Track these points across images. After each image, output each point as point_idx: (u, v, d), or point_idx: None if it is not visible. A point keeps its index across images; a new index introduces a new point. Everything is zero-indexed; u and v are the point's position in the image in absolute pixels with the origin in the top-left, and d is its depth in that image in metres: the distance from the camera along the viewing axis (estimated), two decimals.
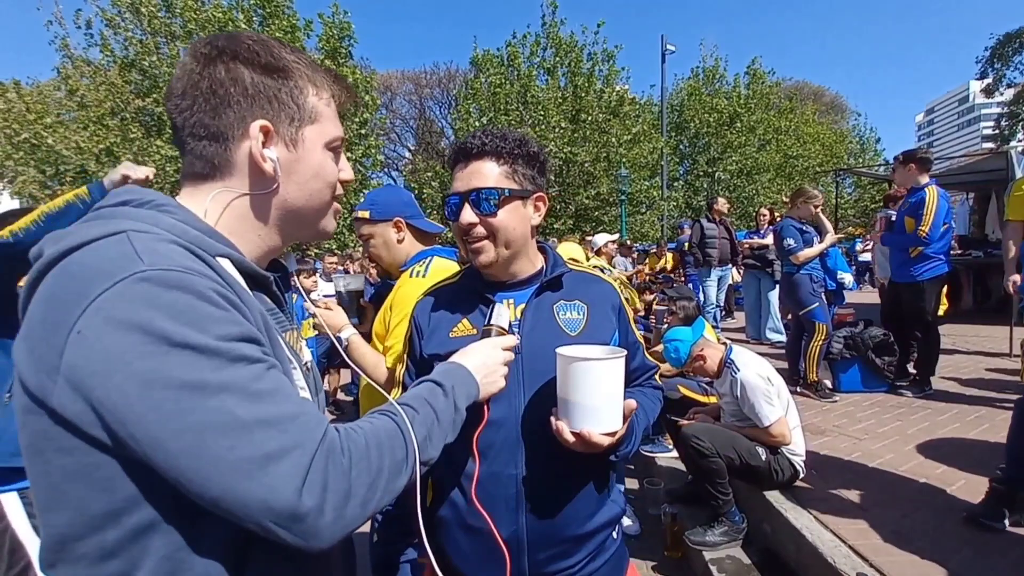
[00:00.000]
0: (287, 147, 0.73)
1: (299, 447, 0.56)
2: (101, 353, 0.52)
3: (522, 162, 1.12)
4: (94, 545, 0.58)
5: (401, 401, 0.76)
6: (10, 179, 14.71)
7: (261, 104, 0.70)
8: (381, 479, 0.63)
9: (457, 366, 0.91)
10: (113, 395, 0.53)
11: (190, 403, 0.53)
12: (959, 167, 12.53)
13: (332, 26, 14.46)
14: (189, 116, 0.70)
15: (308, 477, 0.56)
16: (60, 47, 12.78)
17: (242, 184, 0.72)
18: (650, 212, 18.30)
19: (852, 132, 31.00)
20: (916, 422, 3.69)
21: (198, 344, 0.54)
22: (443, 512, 1.14)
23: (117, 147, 12.59)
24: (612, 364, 0.99)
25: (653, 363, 1.34)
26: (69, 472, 0.57)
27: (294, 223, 0.78)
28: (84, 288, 0.54)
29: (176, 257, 0.58)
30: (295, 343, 0.81)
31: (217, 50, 0.70)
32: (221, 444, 0.53)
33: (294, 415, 0.58)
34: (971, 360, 5.45)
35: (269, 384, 0.58)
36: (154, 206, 0.67)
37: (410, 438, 0.70)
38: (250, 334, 0.60)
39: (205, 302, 0.56)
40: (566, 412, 1.00)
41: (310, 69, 0.75)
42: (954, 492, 2.64)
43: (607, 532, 1.18)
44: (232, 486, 0.54)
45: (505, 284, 1.18)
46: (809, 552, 2.28)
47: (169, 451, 0.53)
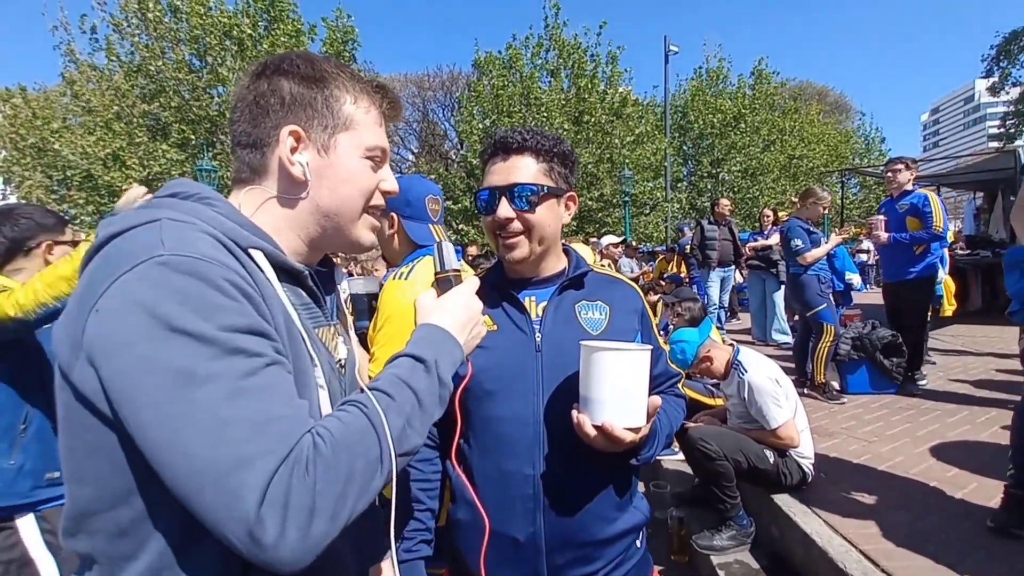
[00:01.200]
0: (319, 152, 0.76)
1: (267, 456, 0.54)
2: (111, 331, 0.55)
3: (558, 161, 1.13)
4: (110, 521, 0.61)
5: (375, 386, 0.70)
6: (17, 184, 14.84)
7: (296, 112, 0.74)
8: (352, 486, 0.60)
9: (437, 331, 0.82)
10: (114, 374, 0.55)
11: (177, 392, 0.53)
12: (966, 166, 12.46)
13: (336, 30, 14.53)
14: (236, 127, 0.76)
15: (269, 491, 0.53)
16: (65, 52, 12.89)
17: (277, 188, 0.76)
18: (654, 213, 18.26)
19: (857, 132, 30.81)
20: (926, 424, 3.65)
21: (197, 331, 0.55)
22: (459, 514, 1.13)
23: (123, 151, 12.68)
24: (638, 355, 0.97)
25: (676, 371, 1.32)
26: (91, 448, 0.60)
27: (328, 228, 0.79)
28: (111, 269, 0.57)
29: (199, 245, 0.60)
30: (330, 339, 0.82)
31: (264, 66, 0.77)
32: (197, 440, 0.53)
33: (275, 418, 0.57)
34: (981, 361, 5.39)
35: (260, 381, 0.58)
36: (199, 198, 0.70)
37: (384, 433, 0.64)
38: (257, 327, 0.60)
39: (215, 290, 0.57)
40: (587, 405, 0.98)
41: (351, 80, 0.79)
42: (966, 495, 2.60)
43: (630, 539, 1.16)
44: (201, 487, 0.53)
45: (528, 281, 1.18)
46: (818, 557, 2.25)
47: (149, 438, 0.54)
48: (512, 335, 1.12)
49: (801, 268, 4.51)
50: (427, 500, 1.17)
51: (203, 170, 10.85)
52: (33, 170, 13.84)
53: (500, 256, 1.14)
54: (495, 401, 1.10)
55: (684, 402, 1.31)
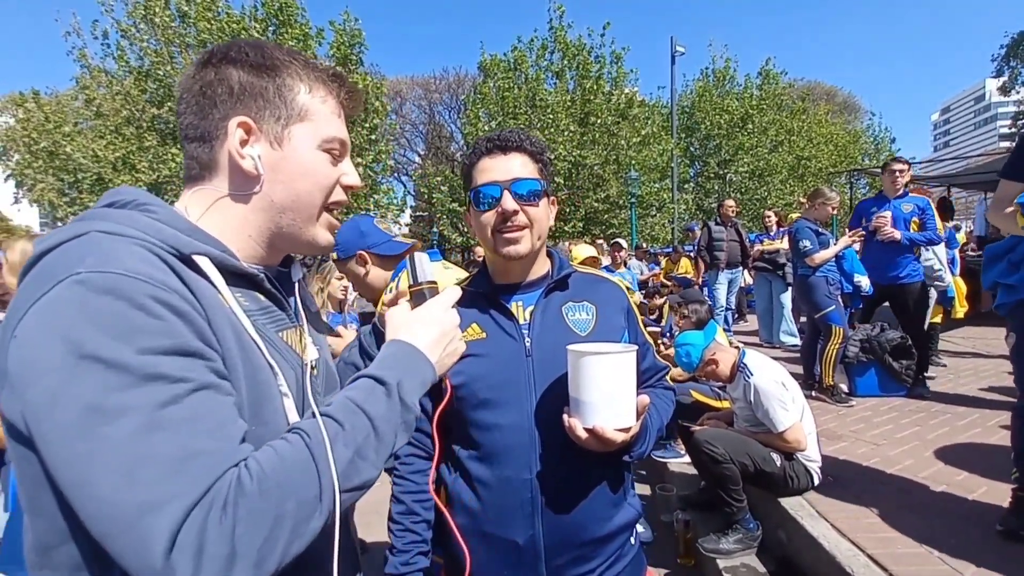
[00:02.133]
0: (271, 145, 0.70)
1: (177, 498, 0.49)
2: (26, 359, 0.51)
3: (545, 164, 1.16)
4: (67, 554, 0.58)
5: (325, 412, 0.63)
6: (29, 187, 15.06)
7: (245, 102, 0.69)
8: (282, 529, 0.53)
9: (405, 348, 0.75)
10: (27, 407, 0.51)
11: (86, 428, 0.49)
12: (977, 167, 12.33)
13: (343, 33, 14.63)
14: (183, 118, 0.71)
15: (180, 538, 0.48)
16: (78, 57, 13.08)
17: (228, 184, 0.70)
18: (660, 214, 18.22)
19: (866, 132, 30.62)
20: (935, 427, 3.61)
21: (110, 358, 0.50)
22: (458, 520, 1.13)
23: (133, 155, 12.84)
24: (623, 357, 0.98)
25: (664, 364, 1.33)
26: (36, 481, 0.56)
27: (282, 227, 0.73)
28: (32, 290, 0.53)
29: (125, 259, 0.55)
30: (297, 342, 0.77)
31: (211, 54, 0.71)
32: (105, 481, 0.49)
33: (193, 454, 0.52)
34: (992, 363, 5.33)
35: (181, 411, 0.52)
36: (135, 206, 0.65)
37: (326, 468, 0.58)
38: (184, 347, 0.55)
39: (137, 309, 0.52)
40: (578, 409, 0.99)
41: (304, 67, 0.73)
42: (976, 499, 2.57)
43: (625, 536, 1.17)
44: (111, 532, 0.49)
45: (514, 286, 1.18)
46: (826, 561, 2.23)
47: (62, 478, 0.51)
48: (502, 342, 1.12)
49: (809, 270, 4.48)
50: (422, 511, 1.17)
51: None
52: (45, 173, 14.06)
53: (498, 253, 1.12)
54: (489, 409, 1.10)
55: (673, 394, 1.33)
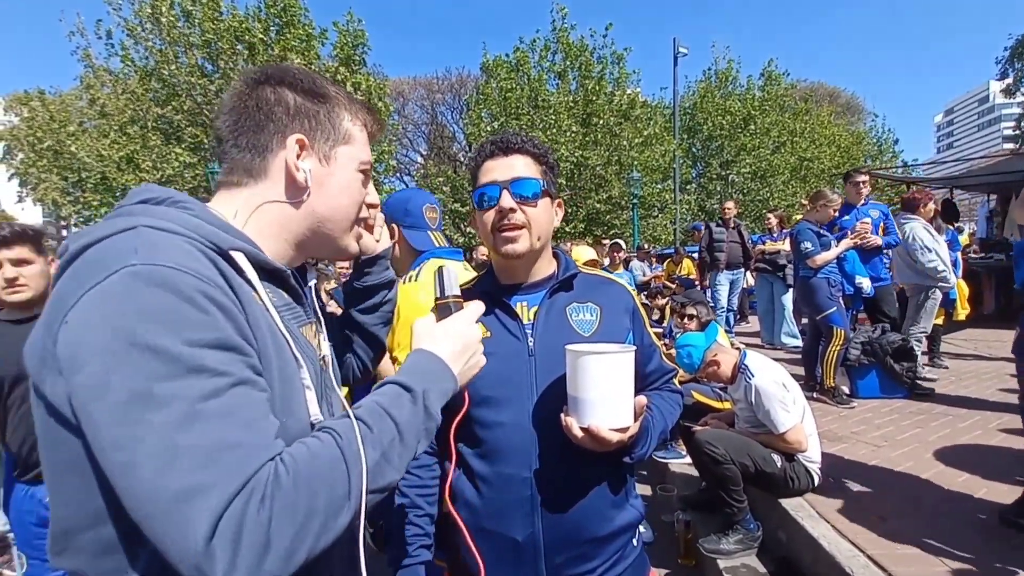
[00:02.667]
0: (320, 162, 0.78)
1: (219, 486, 0.52)
2: (77, 344, 0.54)
3: (549, 167, 1.17)
4: (92, 539, 0.60)
5: (356, 414, 0.66)
6: (33, 186, 15.11)
7: (301, 121, 0.77)
8: (313, 523, 0.56)
9: (431, 358, 0.78)
10: (76, 389, 0.54)
11: (132, 413, 0.52)
12: (980, 168, 12.30)
13: (346, 34, 14.65)
14: (234, 129, 0.76)
15: (221, 524, 0.50)
16: (82, 57, 13.11)
17: (275, 191, 0.76)
18: (662, 215, 18.20)
19: (869, 134, 30.50)
20: (937, 429, 3.61)
21: (160, 347, 0.53)
22: (460, 515, 1.14)
23: (137, 155, 12.87)
24: (620, 358, 0.99)
25: (671, 367, 1.32)
26: (66, 465, 0.59)
27: (319, 234, 0.81)
28: (84, 280, 0.56)
29: (174, 253, 0.58)
30: (313, 337, 0.83)
31: (266, 75, 0.78)
32: (149, 466, 0.51)
33: (232, 445, 0.54)
34: (993, 366, 5.32)
35: (221, 404, 0.55)
36: (172, 203, 0.69)
37: (355, 468, 0.61)
38: (226, 341, 0.58)
39: (185, 302, 0.55)
40: (575, 408, 1.00)
41: (347, 99, 0.82)
42: (976, 500, 2.58)
43: (626, 537, 1.17)
44: (153, 514, 0.52)
45: (520, 286, 1.19)
46: (826, 562, 2.24)
47: (107, 460, 0.53)
48: (505, 341, 1.14)
49: (811, 271, 4.48)
50: (426, 506, 1.19)
51: (215, 172, 10.97)
52: (49, 172, 14.10)
53: (498, 251, 1.14)
54: (490, 406, 1.12)
55: (680, 397, 1.32)
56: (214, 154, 12.50)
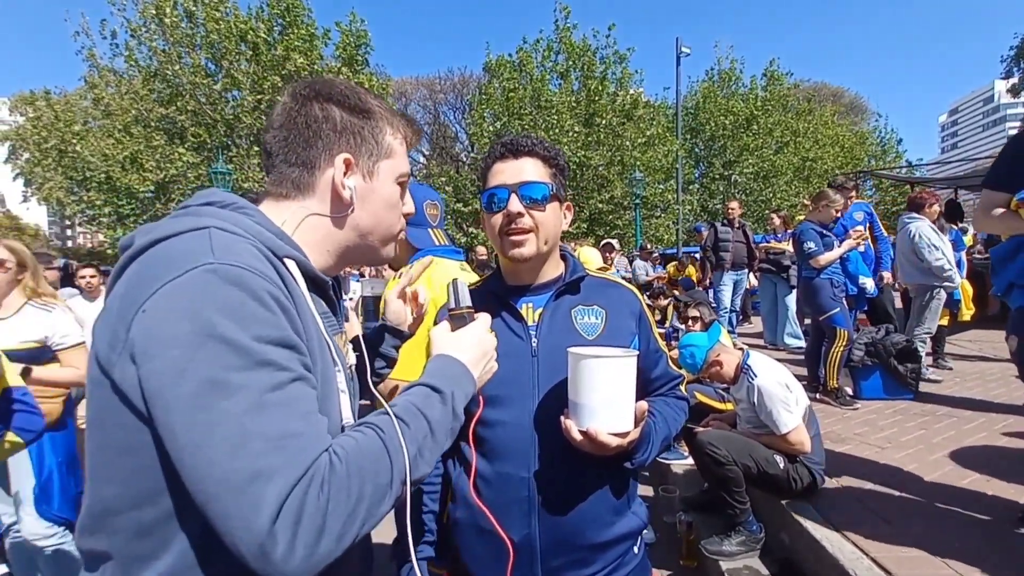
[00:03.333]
0: (364, 178, 0.82)
1: (285, 471, 0.56)
2: (154, 332, 0.57)
3: (559, 169, 1.16)
4: (132, 521, 0.63)
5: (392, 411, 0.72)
6: (38, 185, 15.19)
7: (347, 139, 0.80)
8: (361, 508, 0.61)
9: (454, 363, 0.84)
10: (151, 374, 0.57)
11: (207, 399, 0.55)
12: (985, 168, 12.22)
13: (349, 34, 14.68)
14: (284, 145, 0.79)
15: (285, 507, 0.55)
16: (87, 57, 13.18)
17: (321, 206, 0.80)
18: (665, 215, 18.17)
19: (873, 134, 30.36)
20: (941, 431, 3.59)
21: (234, 340, 0.57)
22: (458, 514, 1.15)
23: (141, 154, 12.93)
24: (621, 362, 0.98)
25: (678, 373, 1.31)
26: (122, 446, 0.62)
27: (360, 246, 0.85)
28: (161, 272, 0.60)
29: (245, 256, 0.63)
30: (343, 346, 0.87)
31: (314, 92, 0.80)
32: (220, 449, 0.55)
33: (295, 434, 0.58)
34: (998, 367, 5.29)
35: (284, 396, 0.59)
36: (236, 208, 0.74)
37: (398, 460, 0.66)
38: (288, 339, 0.63)
39: (256, 301, 0.60)
40: (575, 411, 1.00)
41: (389, 112, 0.86)
42: (982, 503, 2.56)
43: (627, 545, 1.16)
44: (220, 494, 0.55)
45: (526, 288, 1.19)
46: (829, 564, 2.22)
47: (178, 441, 0.56)
48: (509, 341, 1.14)
49: (814, 272, 4.46)
50: (429, 502, 1.20)
51: (218, 172, 11.01)
52: (54, 172, 14.19)
53: (505, 255, 1.14)
54: (492, 406, 1.12)
55: (687, 404, 1.31)
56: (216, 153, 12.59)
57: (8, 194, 26.37)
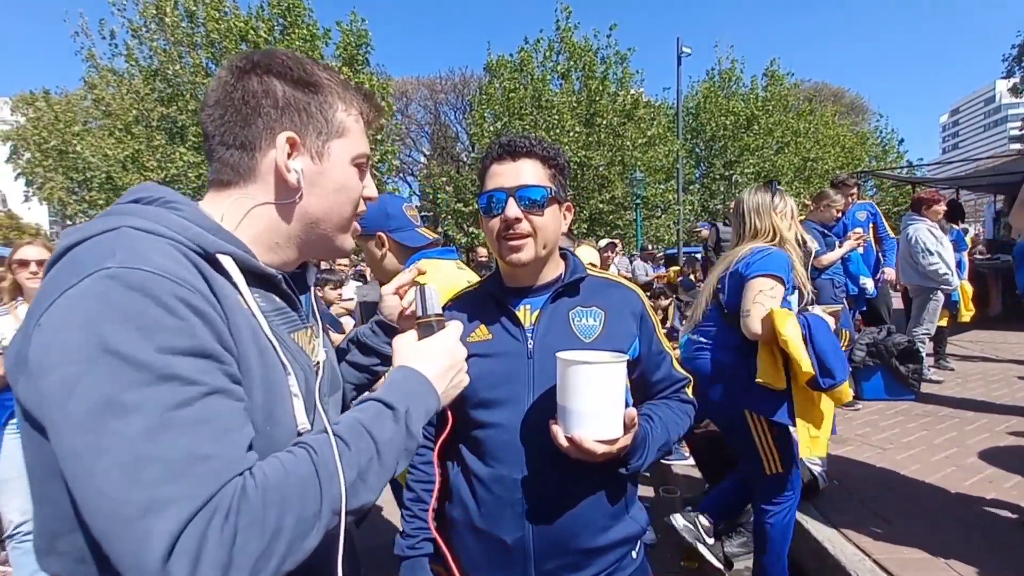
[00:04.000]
0: (312, 159, 0.73)
1: (181, 502, 0.49)
2: (47, 347, 0.52)
3: (559, 170, 1.13)
4: (71, 544, 0.59)
5: (334, 431, 0.63)
6: (39, 185, 15.19)
7: (291, 116, 0.72)
8: (279, 543, 0.53)
9: (415, 376, 0.76)
10: (45, 394, 0.52)
11: (97, 420, 0.49)
12: (986, 169, 12.23)
13: (350, 34, 14.68)
14: (220, 124, 0.71)
15: (180, 542, 0.48)
16: (86, 57, 13.18)
17: (265, 193, 0.72)
18: (665, 216, 18.16)
19: (874, 134, 30.35)
20: (943, 432, 3.58)
21: (130, 353, 0.51)
22: (454, 513, 1.14)
23: (142, 154, 12.93)
24: (608, 368, 0.95)
25: (683, 375, 1.28)
26: (45, 468, 0.58)
27: (313, 236, 0.77)
28: (61, 281, 0.54)
29: (153, 257, 0.56)
30: (307, 343, 0.79)
31: (252, 63, 0.72)
32: (110, 477, 0.49)
33: (200, 457, 0.51)
34: (1000, 367, 5.28)
35: (192, 413, 0.52)
36: (163, 203, 0.67)
37: (330, 487, 0.58)
38: (201, 349, 0.55)
39: (160, 307, 0.53)
40: (562, 416, 0.99)
41: (341, 86, 0.77)
42: (984, 505, 2.55)
43: (624, 550, 1.15)
44: (110, 529, 0.49)
45: (524, 289, 1.18)
46: (831, 566, 2.22)
47: (68, 468, 0.51)
48: (505, 343, 1.13)
49: (815, 272, 4.45)
50: (428, 498, 1.18)
51: None
52: (55, 172, 14.17)
53: (503, 259, 1.13)
54: (488, 407, 1.11)
55: (692, 408, 1.27)
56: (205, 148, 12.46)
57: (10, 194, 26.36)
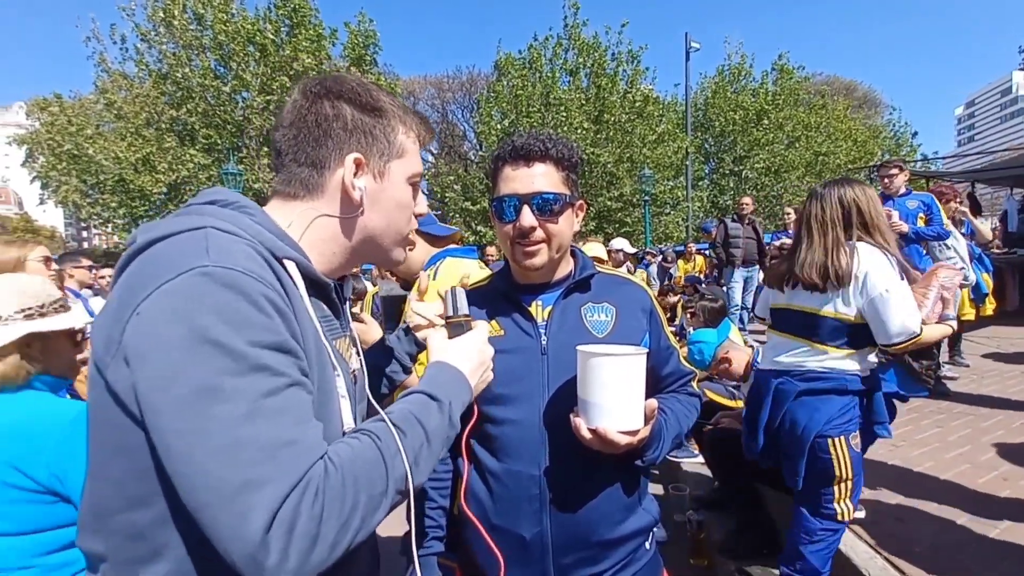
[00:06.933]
0: (375, 178, 0.80)
1: (277, 480, 0.55)
2: (148, 335, 0.57)
3: (573, 170, 1.13)
4: (126, 523, 0.62)
5: (389, 419, 0.71)
6: (54, 188, 15.43)
7: (358, 138, 0.78)
8: (355, 518, 0.60)
9: (453, 371, 0.84)
10: (145, 378, 0.56)
11: (199, 405, 0.54)
12: (1003, 161, 12.02)
13: (357, 34, 14.74)
14: (293, 144, 0.77)
15: (278, 516, 0.54)
16: (98, 62, 13.37)
17: (330, 207, 0.78)
18: (674, 212, 18.05)
19: (887, 127, 29.90)
20: (957, 428, 3.53)
21: (228, 344, 0.56)
22: (470, 511, 1.14)
23: (153, 156, 13.10)
24: (630, 360, 0.97)
25: (689, 369, 1.30)
26: (114, 447, 0.62)
27: (369, 247, 0.83)
28: (156, 274, 0.59)
29: (241, 258, 0.62)
30: (346, 350, 0.85)
31: (325, 89, 0.78)
32: (211, 457, 0.54)
33: (287, 442, 0.57)
34: (1017, 364, 5.19)
35: (279, 402, 0.58)
36: (237, 207, 0.73)
37: (394, 469, 0.65)
38: (284, 344, 0.61)
39: (251, 305, 0.59)
40: (584, 409, 0.99)
41: (402, 111, 0.83)
42: (997, 502, 2.51)
43: (639, 541, 1.16)
44: (210, 503, 0.54)
45: (536, 286, 1.18)
46: (843, 563, 2.19)
47: (169, 447, 0.56)
48: (519, 340, 1.13)
49: None
50: (439, 498, 1.20)
51: (229, 173, 11.12)
52: (69, 175, 14.38)
53: (517, 263, 1.13)
54: (502, 404, 1.11)
55: (699, 401, 1.29)
56: (226, 154, 12.68)
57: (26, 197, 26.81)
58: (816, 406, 1.94)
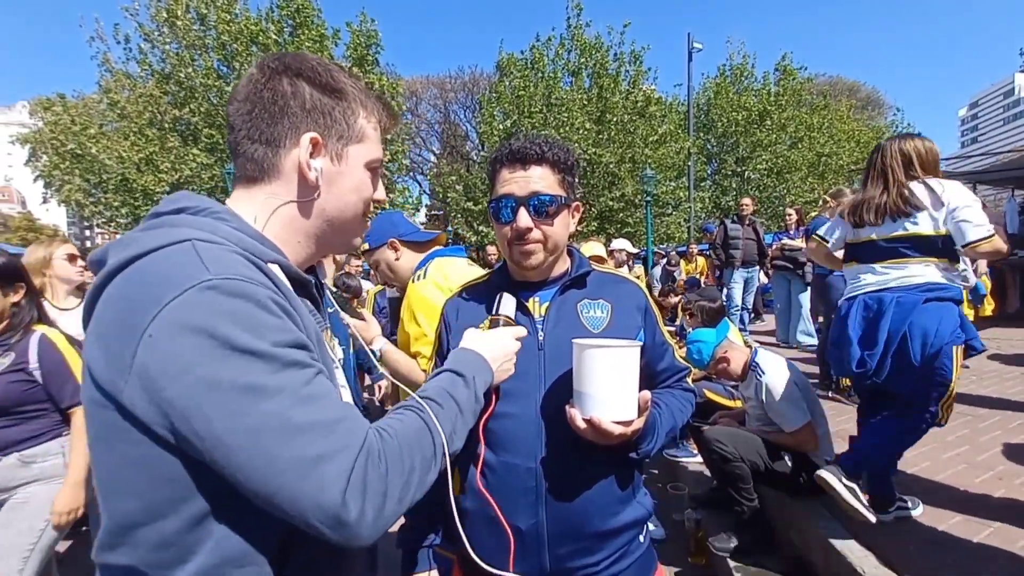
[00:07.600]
0: (332, 160, 0.79)
1: (344, 450, 0.61)
2: (171, 356, 0.57)
3: (569, 172, 1.15)
4: (154, 532, 0.63)
5: (424, 395, 0.80)
6: (57, 187, 15.47)
7: (315, 118, 0.76)
8: (414, 476, 0.68)
9: (474, 354, 0.92)
10: (182, 395, 0.57)
11: (249, 405, 0.58)
12: (1006, 163, 11.99)
13: (359, 34, 14.76)
14: (248, 120, 0.75)
15: (351, 479, 0.60)
16: (102, 62, 13.42)
17: (287, 190, 0.77)
18: (676, 213, 18.04)
19: (890, 128, 29.78)
20: (955, 429, 3.53)
21: (257, 349, 0.59)
22: (467, 503, 1.16)
23: (156, 156, 13.14)
24: (623, 352, 0.99)
25: (684, 365, 1.32)
26: (135, 461, 0.62)
27: (328, 232, 0.83)
28: (156, 294, 0.58)
29: (237, 267, 0.63)
30: (328, 342, 0.86)
31: (284, 65, 0.76)
32: (276, 444, 0.58)
33: (339, 419, 0.63)
34: (1017, 365, 5.19)
35: (317, 389, 0.63)
36: (210, 214, 0.72)
37: (438, 435, 0.74)
38: (300, 340, 0.65)
39: (263, 310, 0.61)
40: (579, 400, 1.02)
41: (363, 94, 0.82)
42: (994, 503, 2.52)
43: (633, 533, 1.18)
44: (286, 483, 0.58)
45: (533, 283, 1.21)
46: (837, 561, 2.21)
47: (229, 448, 0.58)
48: None
49: (827, 269, 4.41)
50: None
51: (231, 173, 11.11)
52: (72, 174, 14.42)
53: (514, 263, 1.17)
54: (499, 399, 1.13)
55: (693, 396, 1.32)
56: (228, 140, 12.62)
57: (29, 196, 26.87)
58: (941, 315, 2.14)
